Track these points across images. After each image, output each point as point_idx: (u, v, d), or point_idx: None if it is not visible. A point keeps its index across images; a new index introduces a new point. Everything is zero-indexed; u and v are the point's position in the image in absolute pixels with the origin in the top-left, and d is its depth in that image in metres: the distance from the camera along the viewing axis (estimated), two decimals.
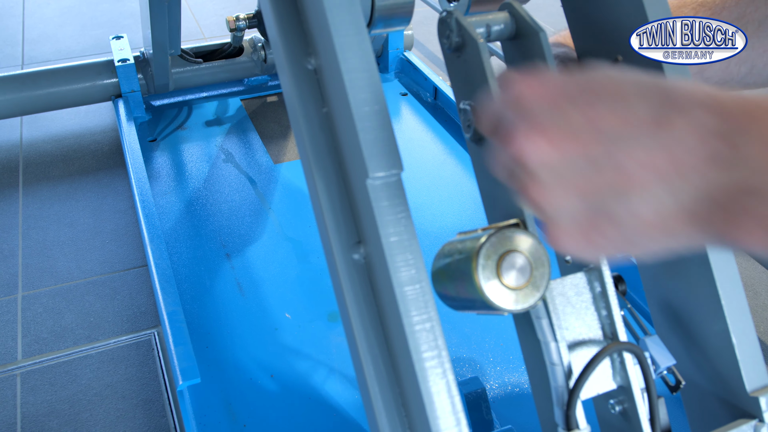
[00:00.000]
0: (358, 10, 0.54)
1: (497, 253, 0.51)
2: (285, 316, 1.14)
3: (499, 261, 0.51)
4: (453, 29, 0.61)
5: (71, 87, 1.69)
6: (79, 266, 1.32)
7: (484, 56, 0.57)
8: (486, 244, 0.51)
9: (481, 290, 0.50)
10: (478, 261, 0.51)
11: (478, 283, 0.50)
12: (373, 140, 0.52)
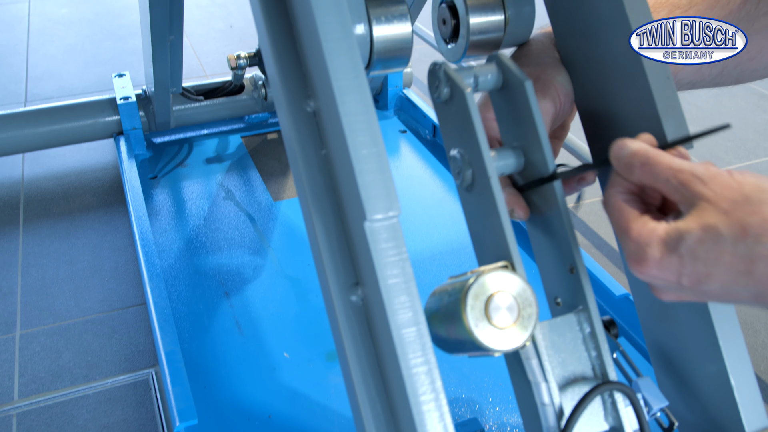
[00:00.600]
0: (356, 54, 0.55)
1: (485, 294, 0.52)
2: (283, 355, 1.13)
3: (488, 301, 0.52)
4: (442, 80, 0.63)
5: (73, 124, 1.71)
6: (78, 304, 1.31)
7: (471, 106, 0.60)
8: (474, 285, 0.52)
9: (470, 330, 0.51)
10: (467, 301, 0.52)
11: (467, 324, 0.52)
12: (371, 183, 0.52)
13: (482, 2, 0.78)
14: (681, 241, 0.45)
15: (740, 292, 0.44)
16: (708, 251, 0.43)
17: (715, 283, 0.44)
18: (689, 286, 0.45)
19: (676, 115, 0.65)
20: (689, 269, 0.45)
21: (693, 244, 0.44)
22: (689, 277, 0.45)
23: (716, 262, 0.43)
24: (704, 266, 0.44)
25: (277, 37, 0.62)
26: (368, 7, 0.72)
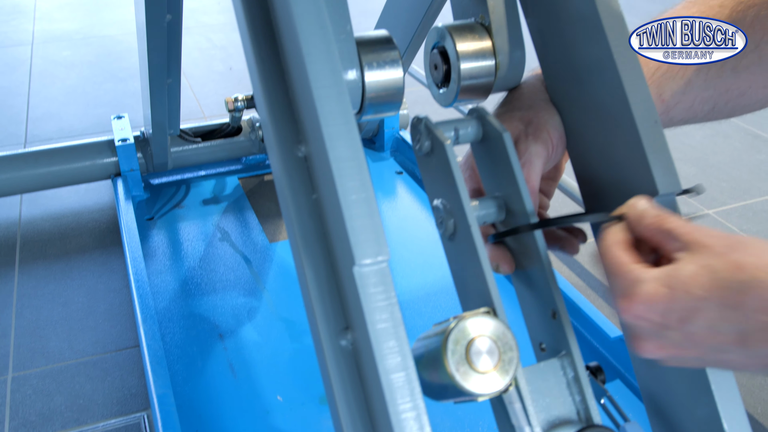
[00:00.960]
0: (346, 101, 0.56)
1: (466, 339, 0.53)
2: (277, 398, 1.13)
3: (468, 346, 0.53)
4: (423, 133, 0.65)
5: (71, 166, 1.72)
6: (71, 346, 1.31)
7: (451, 158, 0.62)
8: (454, 330, 0.53)
9: (451, 374, 0.52)
10: (447, 346, 0.53)
11: (448, 368, 0.52)
12: (360, 227, 0.53)
13: (473, 48, 0.80)
14: (675, 276, 0.45)
15: (725, 332, 0.43)
16: (701, 285, 0.44)
17: (701, 321, 0.44)
18: (675, 324, 0.45)
19: (664, 160, 0.65)
20: (679, 304, 0.45)
21: (687, 278, 0.45)
22: (677, 314, 0.45)
23: (707, 296, 0.43)
24: (694, 301, 0.44)
25: (270, 83, 0.63)
26: (360, 53, 0.74)
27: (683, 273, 0.45)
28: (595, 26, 0.70)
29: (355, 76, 0.73)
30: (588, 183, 0.76)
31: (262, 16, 0.65)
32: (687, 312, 0.45)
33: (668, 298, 0.45)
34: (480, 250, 0.59)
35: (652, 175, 0.65)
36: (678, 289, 0.45)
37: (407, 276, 1.45)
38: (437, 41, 0.83)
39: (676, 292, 0.45)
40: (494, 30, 0.80)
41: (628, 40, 0.69)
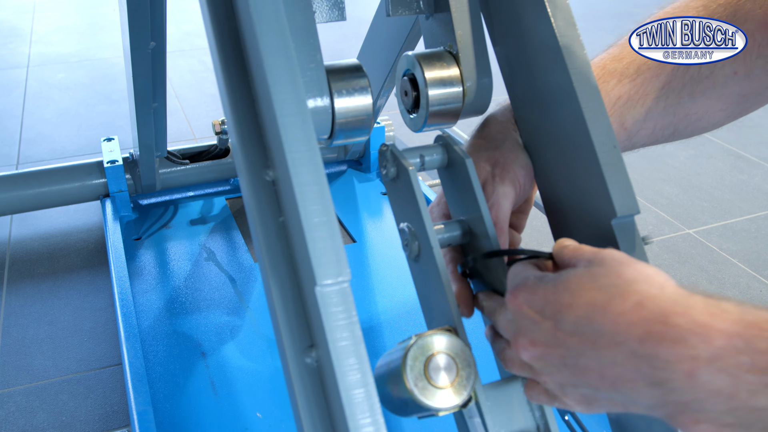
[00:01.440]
0: (310, 128, 0.58)
1: (424, 355, 0.55)
2: (256, 415, 1.14)
3: (427, 362, 0.55)
4: (389, 159, 0.68)
5: (61, 187, 1.74)
6: (56, 364, 1.33)
7: (414, 184, 0.65)
8: (414, 347, 0.56)
9: (410, 389, 0.55)
10: (407, 362, 0.55)
11: (407, 383, 0.55)
12: (321, 249, 0.55)
13: (440, 76, 0.82)
14: (561, 275, 0.49)
15: (584, 332, 0.45)
16: (579, 284, 0.46)
17: (570, 318, 0.46)
18: (549, 315, 0.47)
19: (622, 184, 0.68)
20: (555, 298, 0.47)
21: (570, 277, 0.47)
22: (552, 307, 0.47)
23: (581, 294, 0.46)
24: (569, 297, 0.46)
25: (240, 110, 0.66)
26: (330, 81, 0.76)
27: (569, 273, 0.48)
28: (556, 55, 0.72)
29: (324, 102, 0.76)
30: (552, 206, 0.78)
31: (234, 45, 0.68)
32: (561, 305, 0.47)
33: (549, 291, 0.48)
34: (442, 272, 0.62)
35: (611, 199, 0.68)
36: (559, 286, 0.47)
37: (390, 295, 1.47)
38: (407, 69, 0.86)
39: (558, 287, 0.47)
40: (462, 58, 0.83)
41: (588, 67, 0.72)
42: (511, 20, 0.80)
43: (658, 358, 0.40)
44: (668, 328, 0.40)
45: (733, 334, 0.38)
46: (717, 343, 0.38)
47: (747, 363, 0.37)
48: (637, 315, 0.42)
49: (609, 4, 4.63)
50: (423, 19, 0.90)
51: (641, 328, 0.41)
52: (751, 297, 1.63)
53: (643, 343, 0.41)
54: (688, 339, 0.39)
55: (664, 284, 0.43)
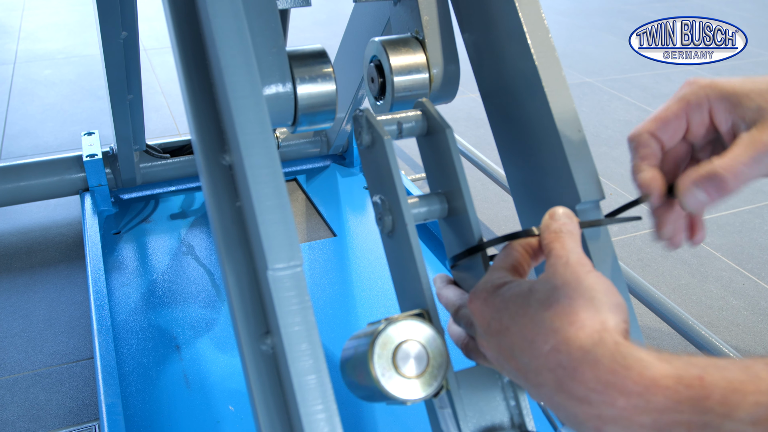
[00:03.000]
0: (263, 111, 0.57)
1: (393, 343, 0.52)
2: (228, 408, 1.13)
3: (395, 350, 0.52)
4: (364, 127, 0.64)
5: (40, 181, 1.73)
6: (29, 358, 1.31)
7: (389, 153, 0.61)
8: (382, 334, 0.53)
9: (376, 379, 0.52)
10: (374, 350, 0.52)
11: (373, 373, 0.52)
12: (273, 233, 0.54)
13: (406, 63, 0.82)
14: (508, 290, 0.47)
15: (519, 360, 0.44)
16: (518, 308, 0.45)
17: (508, 340, 0.45)
18: (494, 332, 0.47)
19: (586, 170, 0.67)
20: (500, 315, 0.46)
21: (514, 295, 0.46)
22: (497, 323, 0.46)
23: (518, 321, 0.45)
24: (509, 319, 0.45)
25: (197, 95, 0.65)
26: (293, 66, 0.75)
27: (515, 290, 0.47)
28: (522, 43, 0.72)
29: (287, 88, 0.75)
30: (519, 190, 0.78)
31: (192, 29, 0.67)
32: (502, 326, 0.46)
33: (496, 308, 0.47)
34: (415, 249, 0.59)
35: (575, 184, 0.67)
36: (504, 304, 0.46)
37: (369, 289, 1.46)
38: (374, 55, 0.85)
39: (502, 305, 0.47)
40: (428, 44, 0.82)
41: (553, 55, 0.71)
42: (479, 7, 0.79)
43: (569, 411, 0.41)
44: (575, 385, 0.40)
45: (633, 393, 0.38)
46: (618, 404, 0.38)
47: (648, 422, 0.37)
48: (553, 361, 0.42)
49: (600, 2, 4.64)
50: (391, 5, 0.90)
51: (555, 377, 0.41)
52: (734, 290, 1.63)
53: (557, 392, 0.41)
54: (592, 399, 0.39)
55: (584, 323, 0.42)
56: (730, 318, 1.53)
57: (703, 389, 0.36)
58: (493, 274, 0.51)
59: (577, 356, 0.40)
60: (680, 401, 0.36)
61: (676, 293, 1.61)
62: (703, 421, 0.35)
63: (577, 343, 0.41)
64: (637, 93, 2.88)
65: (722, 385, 0.36)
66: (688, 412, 0.36)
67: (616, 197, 2.03)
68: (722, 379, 0.36)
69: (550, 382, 0.42)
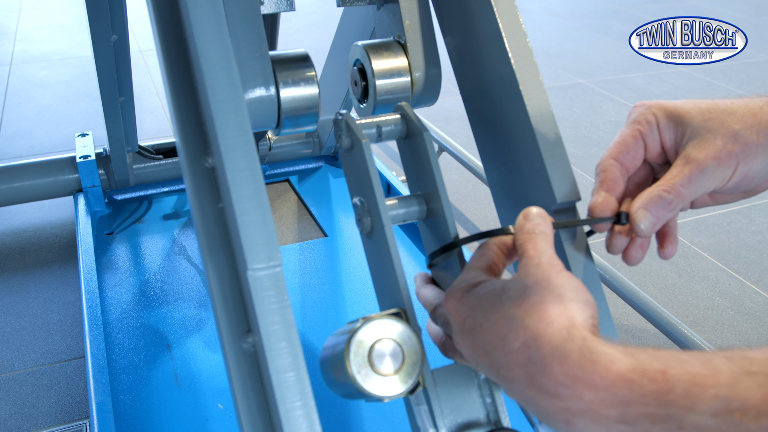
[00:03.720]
0: (243, 114, 0.59)
1: (370, 341, 0.54)
2: (218, 406, 1.15)
3: (371, 348, 0.54)
4: (343, 130, 0.66)
5: (34, 182, 1.74)
6: (21, 357, 1.33)
7: (368, 156, 0.62)
8: (358, 332, 0.54)
9: (352, 376, 0.53)
10: (350, 348, 0.54)
11: (349, 370, 0.53)
12: (252, 234, 0.55)
13: (388, 66, 0.83)
14: (482, 288, 0.49)
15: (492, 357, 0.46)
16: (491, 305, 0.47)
17: (481, 337, 0.46)
18: (468, 330, 0.48)
19: (563, 172, 0.68)
20: (474, 313, 0.48)
21: (487, 293, 0.48)
22: (471, 320, 0.48)
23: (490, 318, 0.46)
24: (482, 317, 0.47)
25: (181, 98, 0.66)
26: (276, 70, 0.77)
27: (488, 288, 0.48)
28: (500, 46, 0.73)
29: (270, 92, 0.76)
30: (499, 191, 0.79)
31: (176, 33, 0.68)
32: (476, 324, 0.47)
33: (470, 306, 0.48)
34: (393, 250, 0.60)
35: (551, 186, 0.69)
36: (477, 302, 0.48)
37: (358, 289, 1.48)
38: (357, 59, 0.86)
39: (475, 303, 0.48)
40: (410, 48, 0.83)
41: (530, 59, 0.72)
42: (459, 11, 0.80)
43: (540, 405, 0.42)
44: (544, 380, 0.41)
45: (600, 387, 0.39)
46: (586, 397, 0.39)
47: (615, 415, 0.39)
48: (523, 356, 0.43)
49: (595, 3, 4.65)
50: (375, 10, 0.91)
51: (525, 373, 0.43)
52: (720, 290, 1.64)
53: (528, 388, 0.42)
54: (561, 393, 0.41)
55: (553, 319, 0.43)
56: (715, 317, 1.54)
57: (666, 383, 0.37)
58: (468, 273, 0.52)
59: (547, 351, 0.42)
60: (644, 394, 0.38)
61: (662, 293, 1.62)
62: (666, 414, 0.37)
63: (546, 339, 0.42)
64: (629, 94, 2.90)
65: (684, 379, 0.37)
66: (652, 405, 0.37)
67: None
68: (684, 372, 0.37)
69: (522, 378, 0.43)
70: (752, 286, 1.65)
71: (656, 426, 0.37)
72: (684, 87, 2.95)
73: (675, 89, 2.93)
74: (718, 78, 3.10)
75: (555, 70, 3.28)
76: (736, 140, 0.53)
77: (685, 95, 2.77)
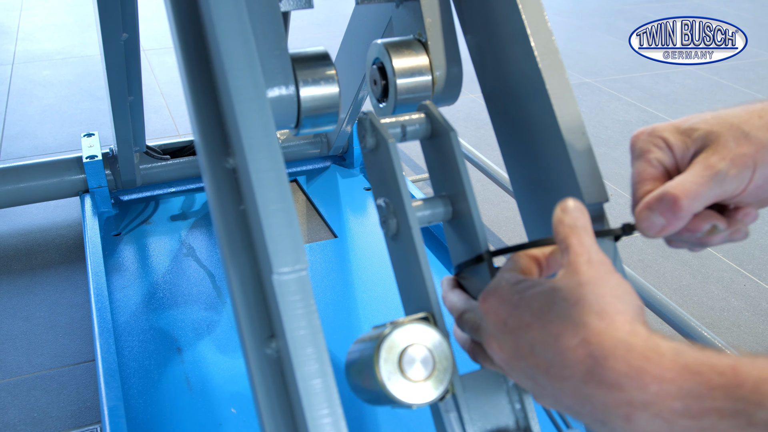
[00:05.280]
0: (267, 114, 0.57)
1: (399, 347, 0.52)
2: (231, 411, 1.13)
3: (401, 354, 0.52)
4: (368, 130, 0.64)
5: (40, 182, 1.73)
6: (30, 360, 1.31)
7: (394, 156, 0.61)
8: (388, 337, 0.53)
9: (382, 383, 0.52)
10: (380, 354, 0.52)
11: (379, 376, 0.52)
12: (278, 237, 0.54)
13: (409, 65, 0.82)
14: (531, 288, 0.47)
15: (539, 355, 0.45)
16: (541, 305, 0.45)
17: (528, 336, 0.45)
18: (511, 330, 0.47)
19: (591, 172, 0.67)
20: (519, 313, 0.46)
21: (536, 294, 0.46)
22: (516, 321, 0.46)
23: (540, 316, 0.45)
24: (529, 316, 0.45)
25: (200, 98, 0.64)
26: (296, 69, 0.75)
27: (536, 290, 0.47)
28: (525, 45, 0.72)
29: (290, 91, 0.75)
30: (523, 194, 0.77)
31: (195, 32, 0.66)
32: (522, 323, 0.46)
33: (514, 305, 0.47)
34: (420, 253, 0.59)
35: (579, 187, 0.67)
36: (523, 301, 0.47)
37: (370, 290, 1.46)
38: (377, 57, 0.85)
39: (521, 302, 0.47)
40: (431, 46, 0.82)
41: (557, 57, 0.71)
42: (482, 9, 0.79)
43: (598, 400, 0.41)
44: (606, 372, 0.40)
45: (666, 379, 0.38)
46: (651, 389, 0.38)
47: (680, 408, 0.37)
48: (582, 352, 0.42)
49: (599, 1, 4.64)
50: (393, 7, 0.89)
51: (584, 368, 0.42)
52: (735, 291, 1.63)
53: (585, 383, 0.41)
54: (624, 384, 0.39)
55: (614, 317, 0.42)
56: (731, 319, 1.53)
57: (736, 377, 0.36)
58: (505, 274, 0.51)
59: (610, 345, 0.41)
60: (713, 388, 0.37)
61: (677, 294, 1.61)
62: (735, 409, 0.36)
63: (609, 334, 0.41)
64: (636, 93, 2.88)
65: (755, 374, 0.36)
66: (721, 399, 0.36)
67: (616, 198, 2.03)
68: (754, 368, 0.36)
69: (578, 373, 0.42)
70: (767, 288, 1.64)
71: (724, 421, 0.36)
72: (691, 86, 2.94)
73: (682, 89, 2.91)
74: (725, 77, 3.08)
75: None
76: (748, 141, 0.52)
77: (692, 95, 2.75)
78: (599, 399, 0.41)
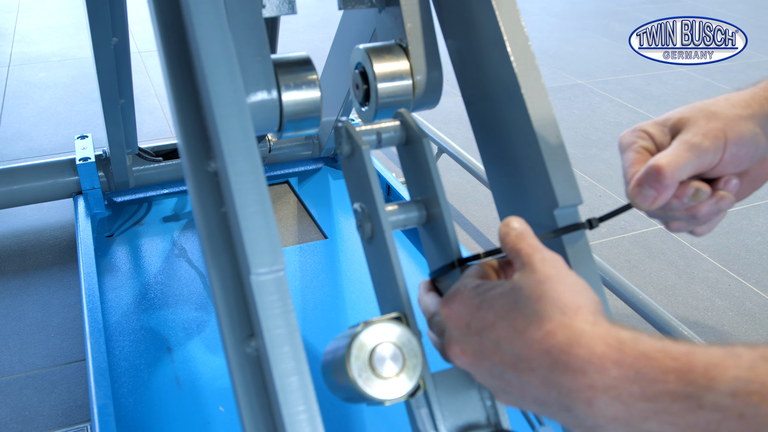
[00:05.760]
0: (246, 118, 0.59)
1: (370, 345, 0.54)
2: (219, 409, 1.15)
3: (372, 352, 0.54)
4: (344, 137, 0.67)
5: (33, 184, 1.74)
6: (22, 360, 1.33)
7: (368, 162, 0.63)
8: (358, 337, 0.54)
9: (353, 380, 0.53)
10: (351, 352, 0.54)
11: (351, 373, 0.54)
12: (256, 238, 0.55)
13: (390, 70, 0.83)
14: (491, 290, 0.49)
15: (505, 352, 0.46)
16: (503, 304, 0.48)
17: (492, 335, 0.47)
18: (474, 332, 0.49)
19: (564, 175, 0.69)
20: (481, 314, 0.48)
21: (496, 295, 0.49)
22: (478, 323, 0.49)
23: (503, 315, 0.47)
24: (493, 316, 0.47)
25: (183, 102, 0.66)
26: (278, 74, 0.77)
27: (496, 291, 0.49)
28: (501, 49, 0.73)
29: (272, 95, 0.76)
30: (501, 195, 0.79)
31: (179, 38, 0.68)
32: (485, 323, 0.48)
33: (476, 307, 0.49)
34: (393, 256, 0.61)
35: (553, 189, 0.69)
36: (486, 302, 0.49)
37: (359, 291, 1.48)
38: (359, 62, 0.86)
39: (483, 304, 0.49)
40: (411, 51, 0.83)
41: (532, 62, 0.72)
42: (461, 14, 0.80)
43: (563, 386, 0.43)
44: (571, 359, 0.43)
45: (626, 364, 0.41)
46: (611, 374, 0.41)
47: (638, 391, 0.40)
48: (548, 343, 0.44)
49: (593, 3, 4.65)
50: (376, 13, 0.91)
51: (550, 357, 0.44)
52: (720, 291, 1.65)
53: (551, 371, 0.43)
54: (586, 369, 0.42)
55: (577, 311, 0.45)
56: (715, 319, 1.55)
57: (688, 363, 0.39)
58: (464, 280, 0.53)
59: (574, 335, 0.43)
60: (666, 371, 0.39)
61: (662, 294, 1.63)
62: (686, 392, 0.38)
63: (573, 325, 0.44)
64: (628, 95, 2.90)
65: (705, 360, 0.38)
66: (674, 382, 0.38)
67: (605, 199, 2.05)
68: (705, 354, 0.39)
69: (545, 363, 0.44)
70: (752, 288, 1.66)
71: (676, 404, 0.38)
72: (683, 87, 2.95)
73: (674, 90, 2.93)
74: (717, 78, 3.10)
75: (554, 71, 3.28)
76: (716, 118, 0.58)
77: (684, 96, 2.77)
78: (565, 385, 0.43)
